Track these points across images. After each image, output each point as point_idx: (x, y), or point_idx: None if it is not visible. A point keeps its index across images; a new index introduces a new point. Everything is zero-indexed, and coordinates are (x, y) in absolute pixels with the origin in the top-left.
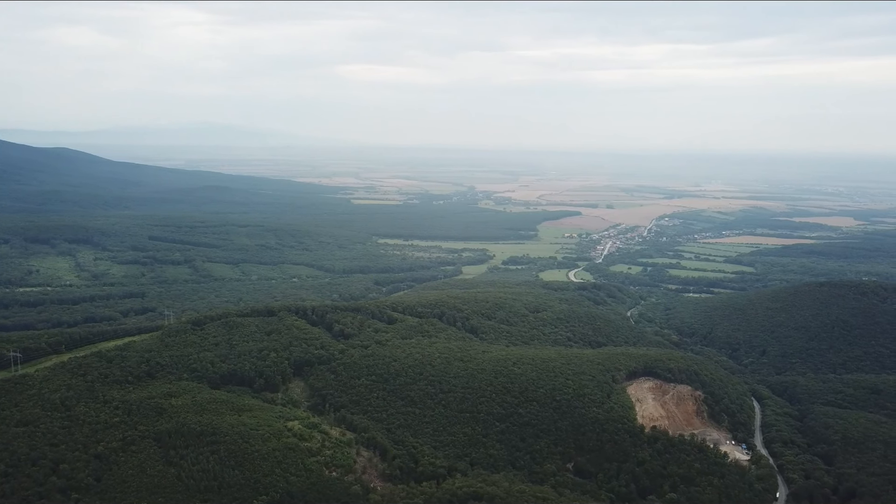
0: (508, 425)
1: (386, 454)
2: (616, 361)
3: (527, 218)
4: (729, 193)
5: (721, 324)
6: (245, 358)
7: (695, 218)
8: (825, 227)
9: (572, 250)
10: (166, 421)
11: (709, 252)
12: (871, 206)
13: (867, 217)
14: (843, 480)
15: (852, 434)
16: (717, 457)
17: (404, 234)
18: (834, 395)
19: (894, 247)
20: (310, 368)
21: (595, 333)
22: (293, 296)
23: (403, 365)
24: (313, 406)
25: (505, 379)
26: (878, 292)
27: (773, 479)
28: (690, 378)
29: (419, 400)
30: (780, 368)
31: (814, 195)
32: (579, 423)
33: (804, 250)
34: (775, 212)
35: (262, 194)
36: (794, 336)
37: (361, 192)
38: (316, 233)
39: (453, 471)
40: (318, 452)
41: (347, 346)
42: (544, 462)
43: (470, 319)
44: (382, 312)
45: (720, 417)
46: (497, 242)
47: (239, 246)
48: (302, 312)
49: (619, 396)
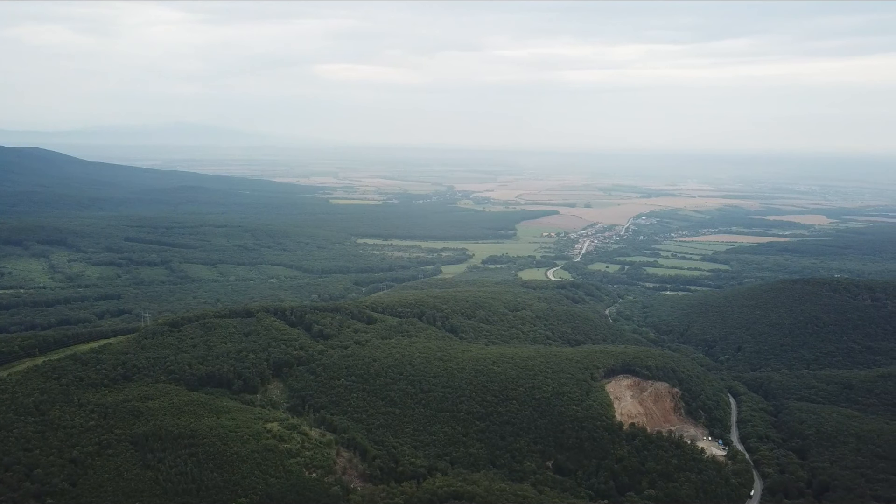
0: (488, 424)
1: (366, 454)
2: (595, 359)
3: (506, 217)
4: (705, 192)
5: (698, 321)
6: (223, 359)
7: (671, 217)
8: (798, 226)
9: (551, 249)
10: (143, 424)
11: (685, 250)
12: (842, 204)
13: (839, 215)
14: (816, 474)
15: (825, 428)
16: (695, 453)
17: (384, 234)
18: (807, 390)
19: (865, 244)
20: (289, 369)
21: (574, 332)
22: (272, 296)
23: (383, 365)
24: (293, 407)
25: (485, 378)
26: (850, 289)
27: (748, 473)
28: (668, 375)
29: (399, 400)
30: (755, 365)
31: (787, 194)
32: (559, 421)
33: (778, 248)
34: (750, 210)
35: (240, 194)
36: (769, 333)
37: (340, 192)
38: (294, 233)
39: (433, 470)
40: (297, 454)
41: (327, 347)
42: (524, 460)
43: (450, 319)
44: (362, 312)
45: (697, 414)
46: (476, 242)
47: (216, 246)
48: (280, 313)
49: (598, 394)
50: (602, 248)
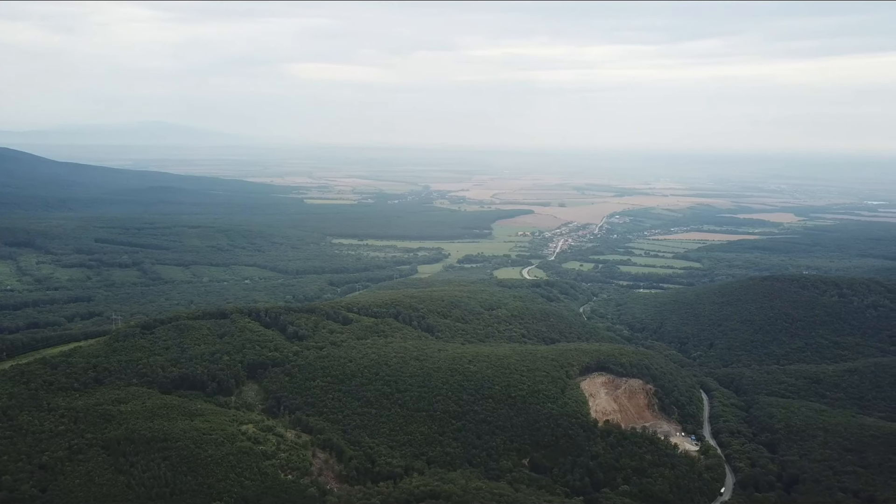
0: (465, 423)
1: (342, 455)
2: (570, 357)
3: (481, 217)
4: (677, 191)
5: (670, 318)
6: (197, 361)
7: (644, 215)
8: (768, 224)
9: (526, 248)
10: (115, 428)
11: (658, 248)
12: (810, 202)
13: (807, 213)
14: (786, 467)
15: (794, 422)
16: (668, 448)
17: (359, 234)
18: (777, 385)
19: (832, 242)
20: (264, 371)
21: (549, 330)
22: (246, 297)
23: (359, 365)
24: (268, 409)
25: (461, 377)
26: (818, 286)
27: (720, 468)
28: (641, 372)
29: (375, 400)
30: (726, 361)
31: (757, 192)
32: (534, 418)
33: (748, 246)
34: (721, 209)
35: (213, 195)
36: (740, 329)
37: (315, 192)
38: (268, 233)
39: (410, 470)
40: (273, 455)
41: (302, 348)
42: (500, 458)
43: (426, 318)
44: (337, 313)
45: (670, 410)
46: (452, 241)
47: (189, 247)
48: (255, 314)
49: (573, 392)
50: (576, 247)
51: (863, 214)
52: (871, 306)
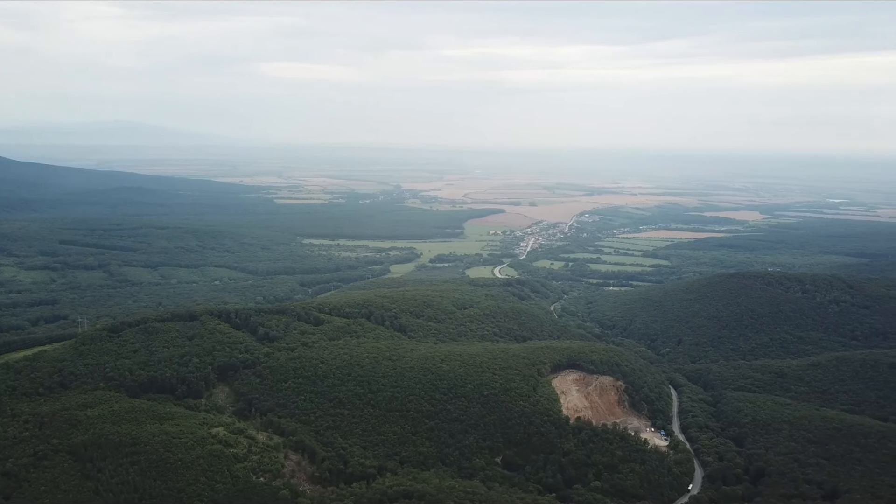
0: (437, 422)
1: (315, 456)
2: (541, 355)
3: (453, 216)
4: (645, 190)
5: (640, 315)
6: (166, 364)
7: (613, 214)
8: (733, 221)
9: (497, 247)
10: (82, 433)
11: (627, 247)
12: (774, 200)
13: (771, 211)
14: (753, 460)
15: (761, 416)
16: (638, 444)
17: (330, 234)
18: (744, 380)
19: (795, 239)
20: (234, 373)
21: (520, 328)
22: (215, 299)
23: (331, 366)
24: (239, 411)
25: (433, 376)
26: (782, 282)
27: (689, 462)
28: (612, 369)
29: (348, 401)
30: (694, 357)
31: (723, 191)
32: (507, 416)
33: (715, 243)
34: (688, 207)
35: (182, 195)
36: (708, 325)
37: (285, 192)
38: (238, 234)
39: (383, 470)
40: (244, 458)
41: (273, 349)
42: (473, 457)
43: (398, 318)
44: (309, 314)
45: (640, 406)
46: (424, 241)
47: (157, 249)
48: (225, 316)
49: (545, 389)
50: (547, 246)
51: (824, 212)
52: (832, 302)
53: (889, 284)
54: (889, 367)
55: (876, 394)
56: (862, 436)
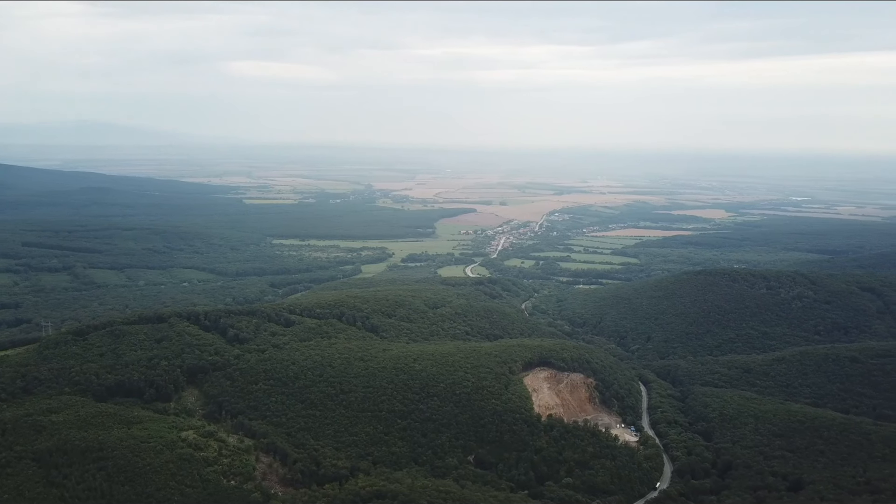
0: (410, 422)
1: (287, 458)
2: (512, 353)
3: (425, 216)
4: (614, 189)
5: (609, 313)
6: (133, 367)
7: (583, 213)
8: (700, 220)
9: (469, 246)
10: (46, 439)
11: (597, 245)
12: (739, 198)
13: (736, 209)
14: (720, 454)
15: (727, 411)
16: (609, 440)
17: (300, 234)
18: (711, 375)
19: (760, 236)
20: (204, 375)
21: (492, 326)
22: (184, 301)
23: (302, 367)
24: (209, 414)
25: (406, 376)
26: (747, 279)
27: (659, 458)
28: (582, 366)
29: (319, 402)
30: (663, 353)
31: (690, 189)
32: (479, 415)
33: (682, 241)
34: (656, 205)
35: (149, 195)
36: (676, 322)
37: (254, 192)
38: (207, 234)
39: (356, 471)
40: (214, 462)
41: (243, 351)
42: (446, 456)
43: (370, 318)
44: (279, 315)
45: (611, 402)
46: (396, 240)
47: (124, 250)
48: (194, 318)
49: (517, 387)
50: (518, 245)
51: (788, 210)
52: (796, 298)
53: (849, 280)
54: (850, 361)
55: (838, 387)
56: (825, 428)
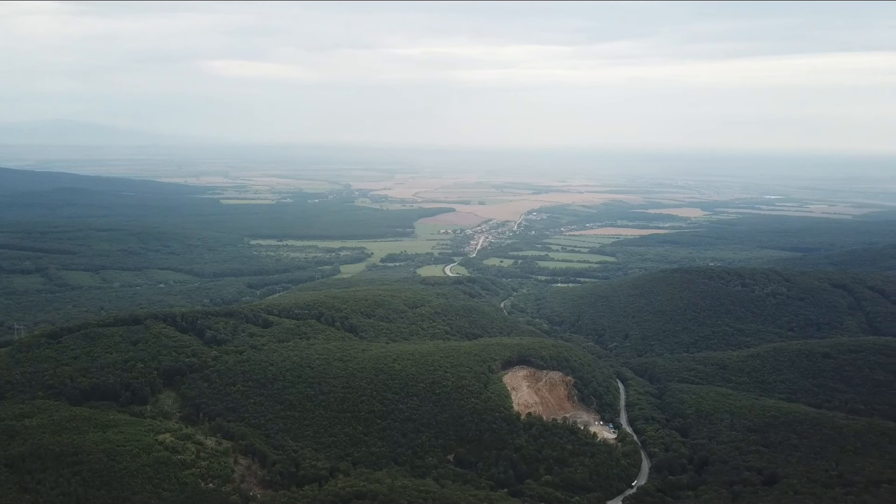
0: (390, 422)
1: (265, 460)
2: (492, 352)
3: (404, 215)
4: (591, 188)
5: (587, 311)
6: (109, 370)
7: (561, 212)
8: (676, 218)
9: (448, 246)
10: (19, 444)
11: (574, 244)
12: (714, 197)
13: (712, 208)
14: (697, 450)
15: (704, 407)
16: (588, 437)
17: (278, 235)
18: (687, 372)
19: (735, 234)
20: (181, 377)
21: (471, 326)
22: (160, 302)
23: (281, 368)
24: (186, 416)
25: (385, 376)
26: (723, 276)
27: (637, 454)
28: (561, 364)
29: (298, 403)
30: (640, 350)
31: (666, 188)
32: (459, 414)
33: (659, 240)
34: (633, 204)
35: (124, 196)
36: (653, 320)
37: (231, 192)
38: (183, 235)
39: (335, 472)
40: (192, 464)
41: (221, 353)
42: (426, 455)
43: (349, 318)
44: (257, 316)
45: (589, 400)
46: (375, 240)
47: (99, 251)
48: (171, 319)
49: (496, 386)
50: (496, 244)
51: (762, 208)
52: (770, 294)
53: (821, 277)
54: (822, 357)
55: (811, 382)
56: (798, 423)
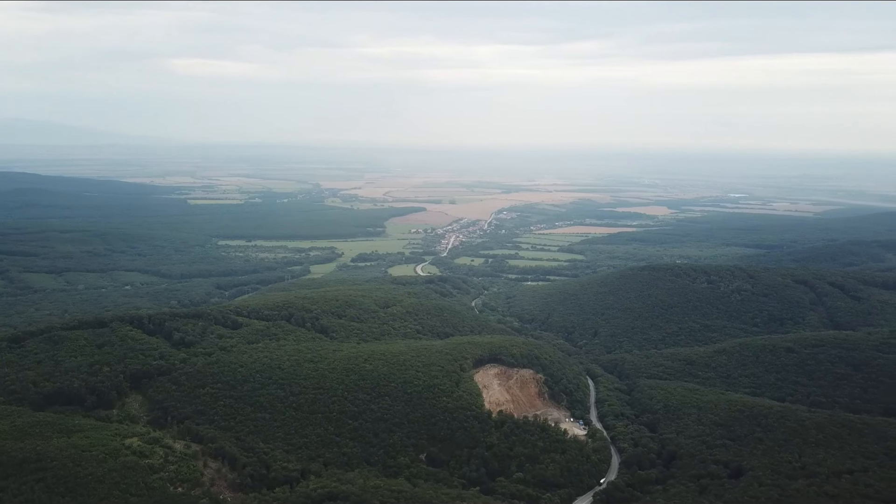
0: (361, 422)
1: (236, 463)
2: (463, 351)
3: (374, 215)
4: (560, 187)
5: (557, 309)
6: (74, 374)
7: (530, 211)
8: (644, 216)
9: (419, 245)
10: None
11: (544, 242)
12: (681, 195)
13: (678, 206)
14: (665, 445)
15: (671, 402)
16: (558, 434)
17: (247, 235)
18: (656, 368)
19: (700, 232)
20: (149, 381)
21: (443, 325)
22: (127, 304)
23: (250, 370)
24: (154, 420)
25: (356, 376)
26: (689, 273)
27: (607, 450)
28: (532, 362)
29: (269, 405)
30: (610, 347)
31: (634, 187)
32: (430, 413)
33: (627, 238)
34: (601, 203)
35: (87, 197)
36: (621, 317)
37: (199, 192)
38: (149, 236)
39: (307, 473)
40: (161, 468)
41: (189, 355)
42: (398, 455)
43: (320, 319)
44: (226, 317)
45: (559, 397)
46: (345, 240)
47: (62, 253)
48: (137, 321)
49: (468, 384)
50: (467, 243)
51: (727, 206)
52: (735, 291)
53: (784, 274)
54: (786, 351)
55: (775, 376)
56: (763, 416)
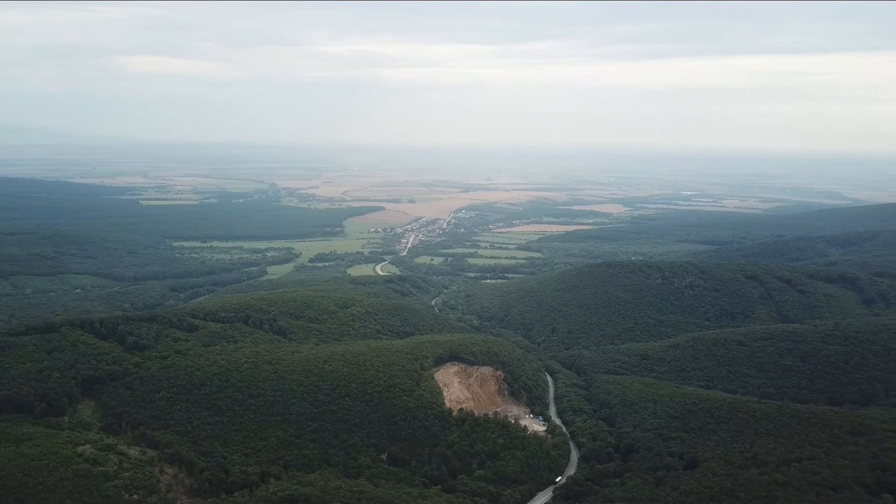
0: (321, 424)
1: (193, 468)
2: (423, 349)
3: (332, 214)
4: (517, 186)
5: (516, 306)
6: (22, 381)
7: (488, 209)
8: (599, 214)
9: (378, 244)
10: None
11: (502, 241)
12: (635, 193)
13: (632, 204)
14: (622, 438)
15: (628, 397)
16: (518, 431)
17: (202, 236)
18: (613, 363)
19: (654, 229)
20: (101, 386)
21: (403, 324)
22: (77, 308)
23: (207, 373)
24: (107, 426)
25: (316, 377)
26: (644, 270)
27: (566, 445)
28: (491, 359)
29: (227, 408)
30: (567, 343)
31: (589, 185)
32: (391, 413)
33: (583, 235)
34: (557, 201)
35: (34, 198)
36: (579, 313)
37: (152, 192)
38: (100, 238)
39: (267, 476)
40: (115, 476)
41: (144, 359)
42: (359, 456)
43: (277, 321)
44: (181, 320)
45: (519, 394)
46: (303, 240)
47: (7, 256)
48: (88, 326)
49: (428, 383)
50: (426, 242)
51: (679, 204)
52: (688, 287)
53: (735, 269)
54: (737, 345)
55: (727, 369)
56: (716, 408)
